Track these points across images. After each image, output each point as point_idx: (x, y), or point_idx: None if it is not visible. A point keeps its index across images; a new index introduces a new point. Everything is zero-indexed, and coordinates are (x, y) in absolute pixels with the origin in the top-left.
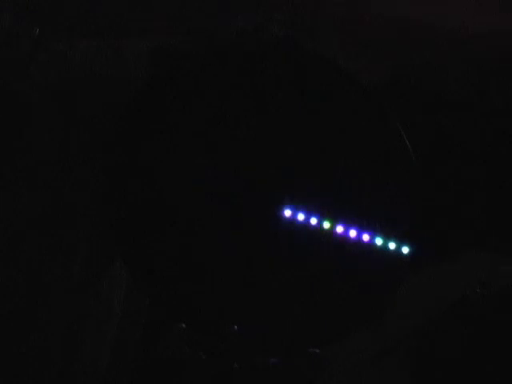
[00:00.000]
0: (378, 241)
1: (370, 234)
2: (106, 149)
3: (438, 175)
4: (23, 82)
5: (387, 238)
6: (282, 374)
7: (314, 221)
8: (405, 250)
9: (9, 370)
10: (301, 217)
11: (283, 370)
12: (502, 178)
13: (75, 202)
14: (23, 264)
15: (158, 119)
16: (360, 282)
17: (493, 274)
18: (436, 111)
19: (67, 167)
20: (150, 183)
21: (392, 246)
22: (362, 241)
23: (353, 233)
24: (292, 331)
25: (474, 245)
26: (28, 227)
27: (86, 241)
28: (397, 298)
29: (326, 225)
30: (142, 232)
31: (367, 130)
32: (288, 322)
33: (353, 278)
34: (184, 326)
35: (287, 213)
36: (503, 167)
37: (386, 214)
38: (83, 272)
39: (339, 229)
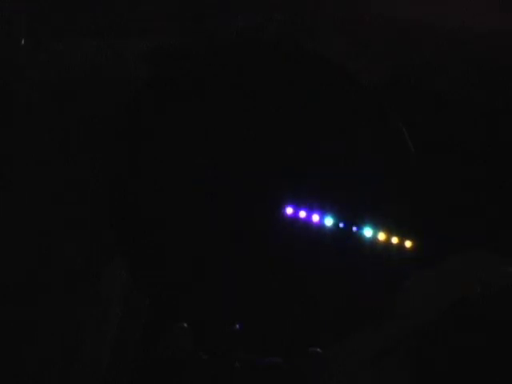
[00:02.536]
0: (381, 236)
1: (372, 230)
2: (106, 149)
3: (438, 175)
4: (23, 82)
5: (390, 232)
6: (282, 374)
7: (315, 218)
8: (407, 244)
9: (9, 370)
10: (302, 214)
11: (283, 370)
12: (502, 177)
13: (75, 202)
14: (23, 264)
15: (158, 119)
16: (361, 282)
17: (493, 274)
18: (436, 111)
19: (67, 167)
20: (150, 183)
21: (395, 240)
22: (365, 237)
23: (354, 229)
24: (292, 331)
25: (474, 245)
26: (28, 227)
27: (86, 241)
28: (397, 298)
29: (328, 222)
30: (142, 232)
31: (367, 129)
32: (288, 322)
33: (354, 277)
34: (185, 325)
35: (289, 211)
36: (503, 167)
37: (388, 211)
38: (83, 272)
39: (341, 225)
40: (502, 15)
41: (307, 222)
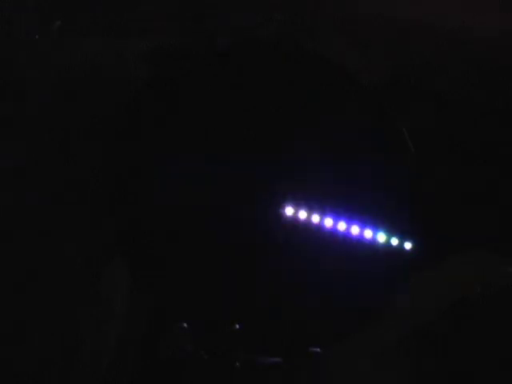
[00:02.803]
0: (381, 237)
1: (372, 231)
2: (106, 149)
3: (438, 175)
4: (23, 81)
5: (389, 234)
6: (282, 374)
7: (315, 218)
8: (407, 245)
9: (9, 370)
10: (302, 215)
11: (283, 370)
12: (501, 177)
13: (75, 202)
14: (23, 264)
15: (157, 119)
16: (361, 282)
17: (493, 274)
18: (436, 111)
19: (67, 167)
20: (150, 183)
21: (394, 241)
22: (364, 238)
23: (355, 229)
24: (292, 331)
25: (474, 245)
26: (28, 227)
27: (86, 241)
28: (397, 298)
29: (328, 222)
30: (142, 232)
31: (367, 129)
32: (288, 322)
33: (354, 277)
34: (185, 325)
35: (289, 211)
36: (503, 167)
37: (388, 212)
38: (83, 272)
39: (341, 226)
40: (501, 15)
41: (307, 222)
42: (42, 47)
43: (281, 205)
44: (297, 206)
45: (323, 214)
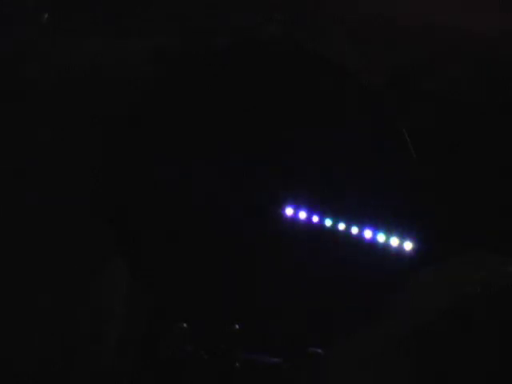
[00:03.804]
0: (381, 237)
1: (372, 231)
2: (107, 149)
3: (439, 175)
4: (23, 82)
5: (389, 234)
6: (282, 374)
7: (315, 219)
8: (407, 245)
9: (9, 370)
10: (302, 215)
11: (283, 370)
12: (502, 178)
13: (76, 203)
14: (23, 264)
15: (157, 119)
16: (361, 282)
17: (493, 274)
18: (436, 111)
19: (67, 167)
20: (151, 183)
21: (394, 241)
22: (365, 238)
23: (355, 230)
24: (292, 331)
25: (474, 245)
26: (29, 227)
27: (86, 241)
28: (397, 298)
29: (328, 223)
30: (142, 232)
31: (367, 129)
32: (288, 322)
33: (354, 278)
34: (185, 325)
35: (288, 211)
36: (503, 167)
37: (388, 212)
38: (83, 272)
39: (341, 226)
40: (501, 15)
41: (307, 223)
42: (41, 47)
43: (281, 205)
44: (297, 207)
45: (323, 215)
